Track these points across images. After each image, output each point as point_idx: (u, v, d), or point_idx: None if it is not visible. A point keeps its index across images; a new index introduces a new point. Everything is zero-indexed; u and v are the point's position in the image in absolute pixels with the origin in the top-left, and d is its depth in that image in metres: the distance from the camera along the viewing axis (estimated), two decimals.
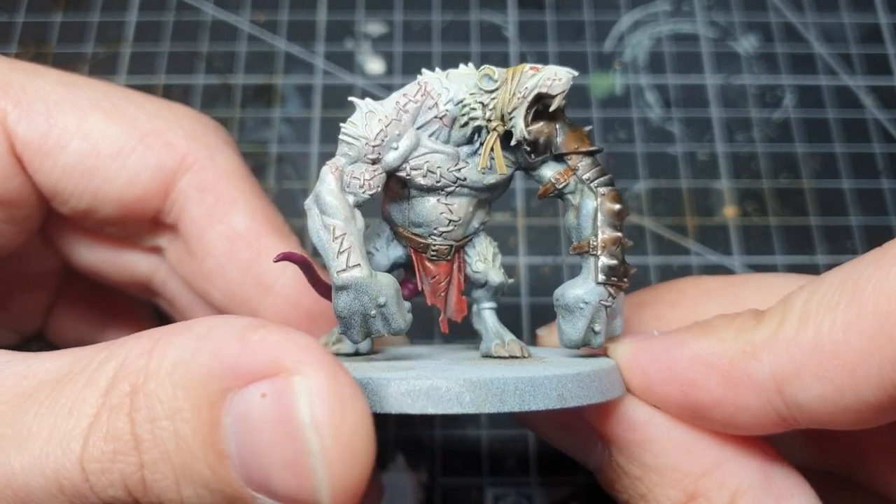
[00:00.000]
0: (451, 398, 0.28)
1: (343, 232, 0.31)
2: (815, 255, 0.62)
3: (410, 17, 0.71)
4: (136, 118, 0.39)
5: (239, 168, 0.41)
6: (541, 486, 0.54)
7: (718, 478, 0.32)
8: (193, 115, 0.42)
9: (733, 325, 0.31)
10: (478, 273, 0.36)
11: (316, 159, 0.65)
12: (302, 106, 0.67)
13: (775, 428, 0.31)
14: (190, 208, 0.40)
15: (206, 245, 0.40)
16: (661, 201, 0.64)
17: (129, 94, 0.41)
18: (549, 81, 0.32)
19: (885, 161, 0.65)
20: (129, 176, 0.39)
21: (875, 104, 0.68)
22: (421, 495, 0.54)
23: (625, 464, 0.34)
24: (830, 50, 0.70)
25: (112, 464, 0.26)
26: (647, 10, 0.72)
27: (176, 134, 0.40)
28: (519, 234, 0.62)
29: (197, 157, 0.40)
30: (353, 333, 0.32)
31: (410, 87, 0.33)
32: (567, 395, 0.30)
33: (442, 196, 0.34)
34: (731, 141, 0.66)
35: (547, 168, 0.34)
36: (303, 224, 0.63)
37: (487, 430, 0.56)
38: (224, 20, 0.71)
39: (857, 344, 0.27)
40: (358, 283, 0.31)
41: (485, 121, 0.33)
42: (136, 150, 0.39)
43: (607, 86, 0.69)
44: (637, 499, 0.34)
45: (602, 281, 0.33)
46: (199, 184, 0.40)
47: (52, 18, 0.71)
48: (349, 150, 0.33)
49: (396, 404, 0.28)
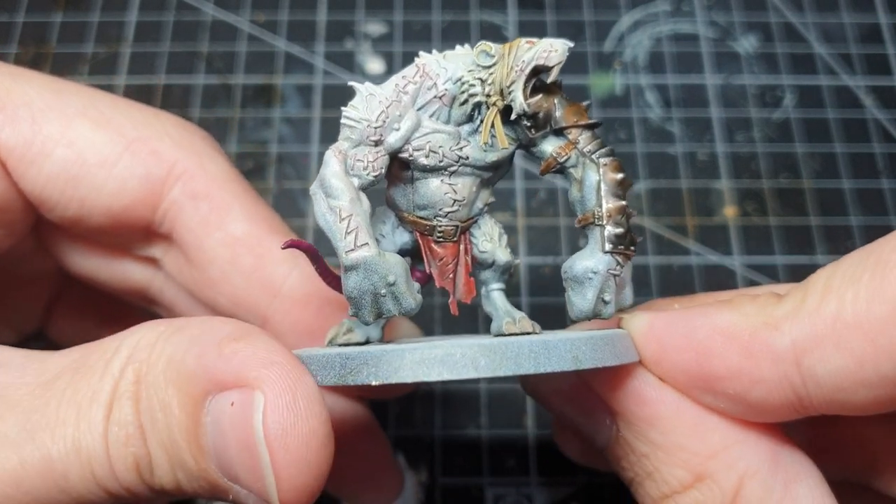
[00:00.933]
0: (466, 363, 0.28)
1: (349, 213, 0.31)
2: (815, 255, 0.62)
3: (410, 17, 0.71)
4: (123, 126, 0.39)
5: (230, 173, 0.40)
6: (541, 486, 0.54)
7: (726, 459, 0.32)
8: (180, 122, 0.41)
9: (756, 302, 0.31)
10: (485, 253, 0.36)
11: (316, 159, 0.65)
12: (302, 106, 0.67)
13: (787, 410, 0.31)
14: (184, 218, 0.39)
15: (206, 253, 0.39)
16: (661, 201, 0.64)
17: (116, 102, 0.40)
18: (545, 53, 0.32)
19: (885, 161, 0.65)
20: (116, 185, 0.38)
21: (875, 104, 0.68)
22: (421, 495, 0.54)
23: (632, 440, 0.33)
24: (830, 50, 0.70)
25: (126, 448, 0.28)
26: (647, 10, 0.72)
27: (163, 142, 0.39)
28: (519, 234, 0.62)
29: (186, 165, 0.39)
30: (365, 314, 0.32)
31: (409, 69, 0.34)
32: (581, 357, 0.30)
33: (445, 176, 0.34)
34: (731, 141, 0.66)
35: (547, 143, 0.34)
36: (303, 224, 0.63)
37: (487, 430, 0.56)
38: (224, 20, 0.71)
39: (880, 313, 0.27)
40: (367, 262, 0.31)
41: (484, 96, 0.33)
42: (123, 158, 0.38)
43: (607, 86, 0.69)
44: (643, 477, 0.33)
45: (609, 249, 0.33)
46: (191, 192, 0.39)
47: (52, 18, 0.71)
48: (351, 134, 0.33)
49: (412, 372, 0.28)
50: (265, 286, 0.40)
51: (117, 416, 0.28)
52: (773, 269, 0.61)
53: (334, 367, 0.30)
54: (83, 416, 0.28)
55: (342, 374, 0.29)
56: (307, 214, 0.63)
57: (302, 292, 0.40)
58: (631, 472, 0.34)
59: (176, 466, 0.29)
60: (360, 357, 0.29)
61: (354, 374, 0.29)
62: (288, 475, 0.27)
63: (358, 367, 0.29)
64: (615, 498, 0.54)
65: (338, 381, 0.29)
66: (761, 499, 0.31)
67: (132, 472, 0.28)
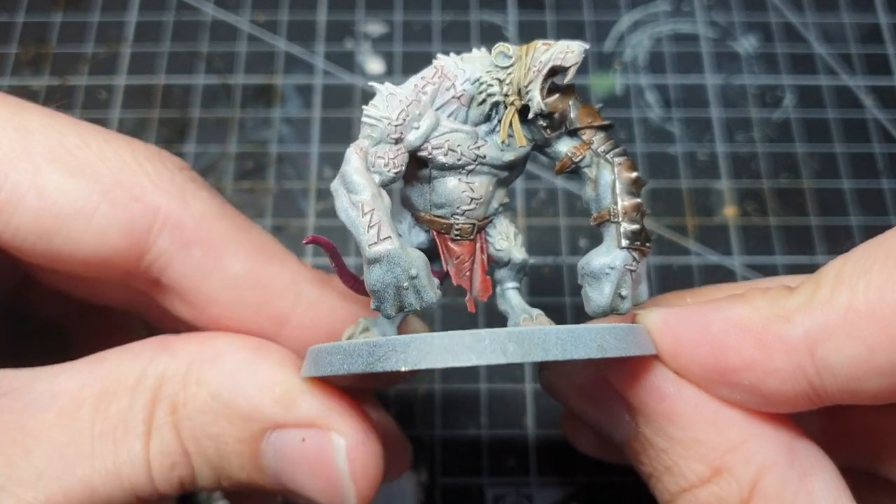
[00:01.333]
0: (495, 348, 0.29)
1: (372, 207, 0.32)
2: (815, 255, 0.62)
3: (410, 17, 0.71)
4: (98, 170, 0.35)
5: (217, 208, 0.38)
6: (541, 486, 0.54)
7: (744, 453, 0.32)
8: (155, 154, 0.38)
9: (768, 295, 0.32)
10: (501, 251, 0.37)
11: (316, 159, 0.65)
12: (302, 106, 0.67)
13: (802, 401, 0.31)
14: (178, 266, 0.37)
15: (205, 295, 0.37)
16: (661, 201, 0.64)
17: (86, 136, 0.36)
18: (562, 54, 0.33)
19: (885, 161, 0.65)
20: (95, 235, 0.35)
21: (875, 104, 0.68)
22: (421, 495, 0.54)
23: (651, 435, 0.34)
24: (830, 50, 0.70)
25: (171, 472, 0.32)
26: (647, 10, 0.72)
27: (143, 186, 0.36)
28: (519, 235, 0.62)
29: (171, 208, 0.36)
30: (387, 307, 0.32)
31: (427, 70, 0.34)
32: (606, 345, 0.30)
33: (463, 175, 0.35)
34: (731, 141, 0.66)
35: (562, 144, 0.35)
36: (304, 224, 0.63)
37: (487, 430, 0.56)
38: (224, 20, 0.71)
39: (892, 301, 0.28)
40: (390, 255, 0.31)
41: (502, 96, 0.34)
42: (100, 207, 0.35)
43: (607, 86, 0.69)
44: (662, 471, 0.34)
45: (626, 245, 0.34)
46: (180, 239, 0.36)
47: (52, 18, 0.71)
48: (372, 132, 0.33)
49: (441, 358, 0.29)
50: (272, 317, 0.39)
51: (159, 446, 0.32)
52: (773, 269, 0.61)
53: (361, 355, 0.30)
54: (121, 447, 0.31)
55: (370, 361, 0.30)
56: (307, 214, 0.63)
57: (311, 320, 0.40)
58: (650, 466, 0.34)
59: (223, 478, 0.33)
60: (388, 344, 0.30)
61: (383, 361, 0.29)
62: (366, 496, 0.34)
63: (386, 353, 0.29)
64: (615, 498, 0.54)
65: (366, 368, 0.30)
66: (778, 491, 0.31)
67: (175, 487, 0.33)
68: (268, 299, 0.38)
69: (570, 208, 0.63)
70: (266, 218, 0.63)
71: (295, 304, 0.38)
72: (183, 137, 0.66)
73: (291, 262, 0.39)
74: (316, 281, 0.39)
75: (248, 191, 0.64)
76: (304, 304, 0.38)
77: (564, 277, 0.61)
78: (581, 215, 0.63)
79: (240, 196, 0.64)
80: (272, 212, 0.63)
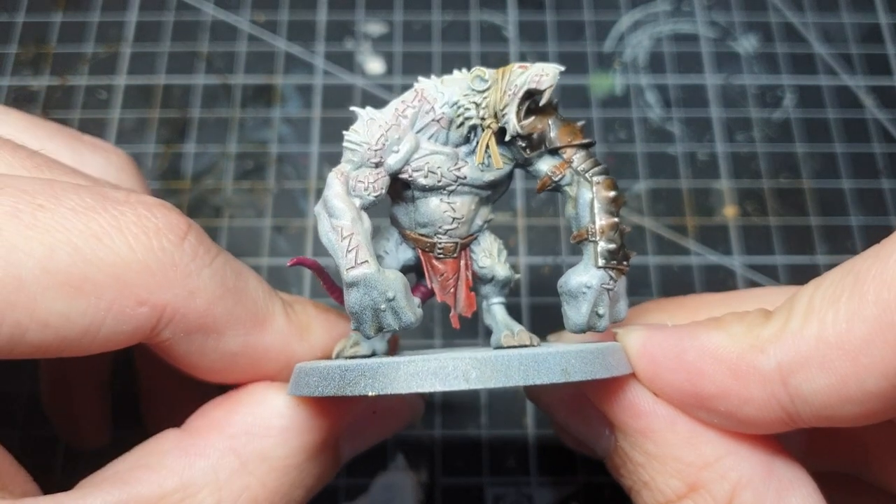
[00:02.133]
0: (457, 375, 0.30)
1: (350, 232, 0.33)
2: (815, 255, 0.62)
3: (410, 17, 0.71)
4: (100, 281, 0.31)
5: (219, 284, 0.35)
6: (541, 486, 0.54)
7: (719, 470, 0.32)
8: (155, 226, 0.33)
9: (743, 322, 0.32)
10: (483, 268, 0.37)
11: (316, 159, 0.65)
12: (302, 106, 0.67)
13: (778, 425, 0.31)
14: (178, 349, 0.35)
15: (202, 369, 0.37)
16: (661, 201, 0.64)
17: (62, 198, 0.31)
18: (537, 77, 0.33)
19: (885, 161, 0.65)
20: (100, 345, 0.32)
21: (875, 104, 0.68)
22: (421, 495, 0.54)
23: (629, 450, 0.35)
24: (830, 50, 0.70)
25: None
26: (647, 10, 0.72)
27: (148, 285, 0.32)
28: (519, 234, 0.62)
29: (176, 304, 0.33)
30: (366, 328, 0.33)
31: (408, 94, 0.35)
32: (571, 369, 0.31)
33: (444, 195, 0.35)
34: (731, 141, 0.66)
35: (543, 163, 0.36)
36: (304, 224, 0.63)
37: (487, 430, 0.56)
38: (224, 20, 0.71)
39: (860, 333, 0.28)
40: (367, 279, 0.32)
41: (479, 119, 0.35)
42: (106, 321, 0.32)
43: (607, 86, 0.69)
44: (640, 485, 0.34)
45: (602, 265, 0.34)
46: (183, 330, 0.34)
47: (52, 18, 0.71)
48: (353, 157, 0.34)
49: (406, 384, 0.30)
50: (264, 376, 0.39)
51: None
52: (773, 269, 0.61)
53: (334, 378, 0.31)
54: None
55: (341, 385, 0.31)
56: (307, 214, 0.63)
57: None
58: (629, 480, 0.35)
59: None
60: (358, 369, 0.31)
61: (353, 386, 0.31)
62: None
63: (356, 378, 0.31)
64: (615, 498, 0.54)
65: (337, 392, 0.31)
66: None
67: None
68: (261, 364, 0.38)
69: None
70: (266, 218, 0.63)
71: (284, 365, 0.38)
72: (183, 137, 0.66)
73: (279, 321, 0.38)
74: (304, 332, 0.39)
75: (248, 191, 0.64)
76: (295, 360, 0.38)
77: None
78: None
79: (240, 196, 0.64)
80: (272, 212, 0.63)
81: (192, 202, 0.63)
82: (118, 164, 0.43)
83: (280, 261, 0.61)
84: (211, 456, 0.34)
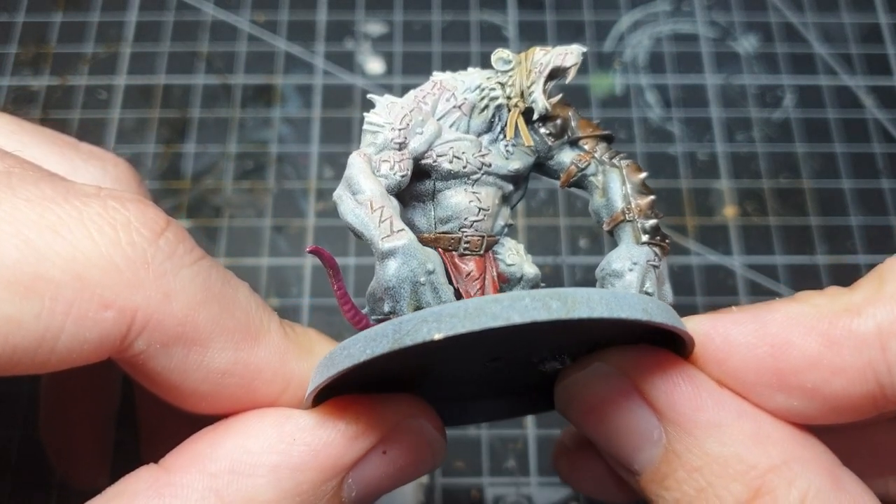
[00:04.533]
0: (537, 306, 0.26)
1: (381, 204, 0.30)
2: (815, 255, 0.62)
3: (410, 17, 0.71)
4: (55, 278, 0.26)
5: (201, 288, 0.31)
6: (541, 486, 0.54)
7: (787, 475, 0.29)
8: (126, 219, 0.29)
9: (824, 294, 0.30)
10: (512, 266, 0.35)
11: (316, 159, 0.65)
12: (302, 106, 0.67)
13: (866, 405, 0.29)
14: (155, 363, 0.31)
15: (186, 392, 0.32)
16: (661, 201, 0.64)
17: (17, 188, 0.28)
18: (561, 56, 0.33)
19: (885, 161, 0.65)
20: (62, 357, 0.28)
21: (875, 104, 0.68)
22: (421, 495, 0.54)
23: (684, 452, 0.30)
24: (830, 50, 0.70)
25: None
26: (647, 10, 0.72)
27: (115, 286, 0.28)
28: (519, 234, 0.62)
29: (149, 309, 0.29)
30: (403, 306, 0.31)
31: (426, 84, 0.34)
32: (651, 311, 0.28)
33: (469, 185, 0.34)
34: (731, 141, 0.66)
35: (564, 154, 0.35)
36: (304, 224, 0.63)
37: (487, 430, 0.56)
38: (224, 20, 0.71)
39: None
40: (406, 247, 0.30)
41: (505, 98, 0.34)
42: (66, 327, 0.27)
43: (607, 86, 0.69)
44: (692, 496, 0.30)
45: (646, 240, 0.33)
46: (160, 341, 0.30)
47: (52, 18, 0.71)
48: (374, 139, 0.32)
49: (478, 321, 0.26)
50: (260, 404, 0.34)
51: None
52: (773, 269, 0.61)
53: (385, 335, 0.27)
54: None
55: (397, 337, 0.26)
56: (307, 214, 0.63)
57: (300, 396, 0.35)
58: (678, 492, 0.31)
59: None
60: (417, 317, 0.26)
61: (413, 334, 0.26)
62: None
63: (416, 326, 0.26)
64: None
65: (393, 346, 0.26)
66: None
67: None
68: (254, 387, 0.33)
69: (570, 208, 0.63)
70: (266, 218, 0.63)
71: (281, 390, 0.34)
72: (183, 137, 0.66)
73: (275, 336, 0.33)
74: (303, 351, 0.34)
75: (248, 191, 0.64)
76: (295, 384, 0.34)
77: (564, 277, 0.61)
78: (581, 215, 0.63)
79: (240, 196, 0.64)
80: (272, 212, 0.63)
81: (192, 202, 0.63)
82: (115, 174, 0.39)
83: (280, 261, 0.61)
84: (189, 498, 0.29)
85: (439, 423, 0.35)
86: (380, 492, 0.33)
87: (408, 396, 0.34)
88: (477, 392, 0.40)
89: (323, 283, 0.60)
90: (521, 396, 0.41)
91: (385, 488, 0.33)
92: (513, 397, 0.41)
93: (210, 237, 0.62)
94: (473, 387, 0.38)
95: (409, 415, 0.34)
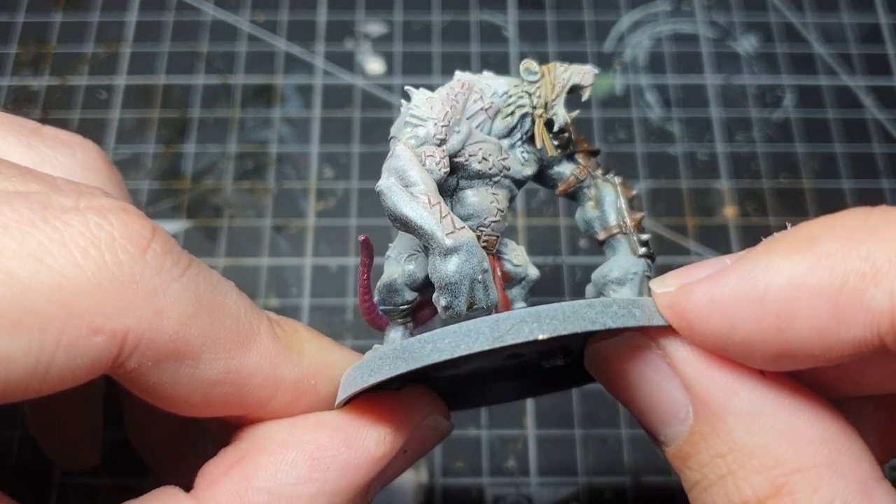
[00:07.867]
0: (623, 314, 0.28)
1: (438, 200, 0.30)
2: None
3: (410, 17, 0.71)
4: (43, 310, 0.26)
5: (191, 300, 0.30)
6: (541, 486, 0.54)
7: (812, 479, 0.27)
8: (110, 235, 0.28)
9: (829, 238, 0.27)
10: (519, 267, 0.37)
11: (316, 159, 0.65)
12: (302, 106, 0.67)
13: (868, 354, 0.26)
14: (146, 380, 0.30)
15: (176, 400, 0.31)
16: (661, 201, 0.64)
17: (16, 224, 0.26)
18: (580, 74, 0.36)
19: (885, 161, 0.65)
20: (54, 384, 0.27)
21: (875, 104, 0.68)
22: (421, 495, 0.54)
23: (710, 436, 0.29)
24: (830, 50, 0.70)
25: None
26: (647, 10, 0.72)
27: (104, 310, 0.27)
28: (519, 234, 0.62)
29: (140, 329, 0.28)
30: (460, 302, 0.31)
31: (454, 82, 0.34)
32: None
33: (490, 186, 0.35)
34: (731, 141, 0.66)
35: (563, 166, 0.37)
36: (304, 224, 0.63)
37: (487, 430, 0.56)
38: (224, 20, 0.71)
39: None
40: (469, 244, 0.30)
41: (531, 108, 0.35)
42: (56, 357, 0.26)
43: (607, 86, 0.69)
44: (713, 480, 0.29)
45: (643, 253, 0.36)
46: (152, 358, 0.29)
47: (52, 18, 0.71)
48: (417, 132, 0.32)
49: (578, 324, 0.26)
50: (252, 407, 0.34)
51: None
52: None
53: (481, 332, 0.27)
54: None
55: (496, 335, 0.26)
56: (307, 214, 0.63)
57: (290, 400, 0.34)
58: (699, 473, 0.29)
59: None
60: (513, 317, 0.27)
61: (514, 333, 0.26)
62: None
63: (516, 326, 0.26)
64: (615, 498, 0.54)
65: (493, 344, 0.26)
66: None
67: None
68: (245, 392, 0.33)
69: (570, 208, 0.63)
70: (266, 218, 0.63)
71: (271, 394, 0.33)
72: (183, 137, 0.66)
73: (265, 340, 0.33)
74: (293, 353, 0.34)
75: (248, 191, 0.64)
76: (285, 387, 0.34)
77: (564, 277, 0.61)
78: None
79: (240, 196, 0.64)
80: (272, 212, 0.63)
81: (192, 202, 0.63)
82: (84, 160, 0.38)
83: (280, 261, 0.61)
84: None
85: (448, 413, 0.37)
86: (391, 480, 0.36)
87: (423, 391, 0.35)
88: (481, 381, 0.41)
89: (323, 283, 0.60)
90: (522, 381, 0.43)
91: (394, 477, 0.36)
92: (514, 382, 0.43)
93: (210, 237, 0.62)
94: (479, 378, 0.39)
95: (428, 413, 0.35)
